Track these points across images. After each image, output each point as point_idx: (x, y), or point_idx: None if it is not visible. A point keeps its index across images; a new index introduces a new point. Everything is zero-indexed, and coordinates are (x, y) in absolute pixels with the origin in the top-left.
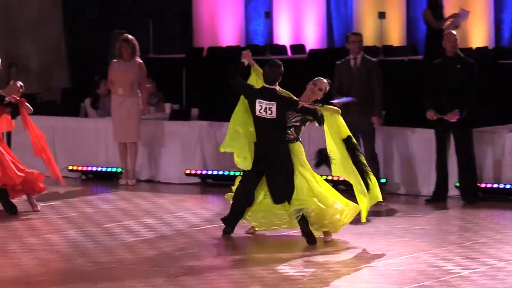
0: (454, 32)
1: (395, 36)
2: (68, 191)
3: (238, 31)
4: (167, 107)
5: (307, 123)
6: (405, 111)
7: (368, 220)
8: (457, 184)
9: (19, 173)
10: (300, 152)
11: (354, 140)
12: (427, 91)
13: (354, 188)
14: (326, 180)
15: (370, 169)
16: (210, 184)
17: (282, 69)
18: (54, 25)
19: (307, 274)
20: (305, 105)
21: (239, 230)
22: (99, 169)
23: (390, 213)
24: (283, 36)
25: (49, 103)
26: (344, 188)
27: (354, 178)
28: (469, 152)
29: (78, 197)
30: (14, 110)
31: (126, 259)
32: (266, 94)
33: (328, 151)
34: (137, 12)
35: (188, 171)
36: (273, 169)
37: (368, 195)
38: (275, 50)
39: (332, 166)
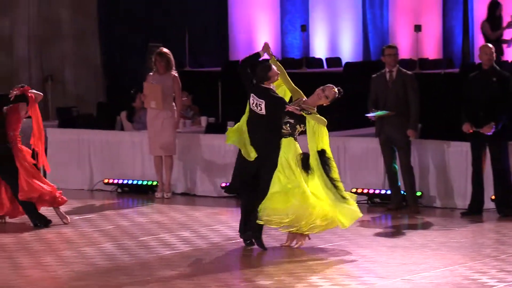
0: (490, 45)
1: (431, 49)
2: (103, 204)
3: (274, 44)
4: (203, 120)
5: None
6: (440, 124)
7: (403, 233)
8: (493, 197)
9: (43, 185)
10: (287, 148)
11: (328, 154)
12: (463, 104)
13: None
14: None
15: (341, 185)
16: None
17: (270, 72)
18: (90, 38)
19: None
20: (292, 109)
21: (273, 242)
22: (135, 182)
23: (426, 226)
24: (319, 49)
25: (85, 117)
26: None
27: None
28: (505, 165)
29: (113, 210)
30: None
31: (162, 273)
32: (258, 91)
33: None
34: (173, 25)
35: (224, 184)
36: (260, 165)
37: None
38: (311, 63)
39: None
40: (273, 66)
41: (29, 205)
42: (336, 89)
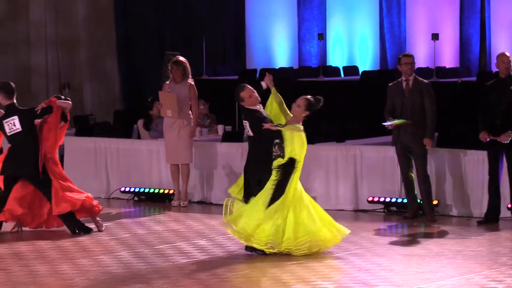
0: (507, 53)
1: (448, 57)
2: (120, 213)
3: (291, 52)
4: (220, 128)
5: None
6: (457, 132)
7: (419, 242)
8: (510, 205)
9: (77, 196)
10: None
11: (295, 163)
12: (480, 112)
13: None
14: None
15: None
16: None
17: (242, 92)
18: (107, 45)
19: None
20: (268, 127)
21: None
22: (152, 190)
23: (442, 234)
24: (336, 57)
25: (102, 125)
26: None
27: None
28: None
29: (130, 219)
30: (62, 114)
31: (179, 281)
32: (243, 112)
33: None
34: (191, 33)
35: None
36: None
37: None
38: (328, 72)
39: None
40: (248, 87)
41: (66, 214)
42: (308, 96)
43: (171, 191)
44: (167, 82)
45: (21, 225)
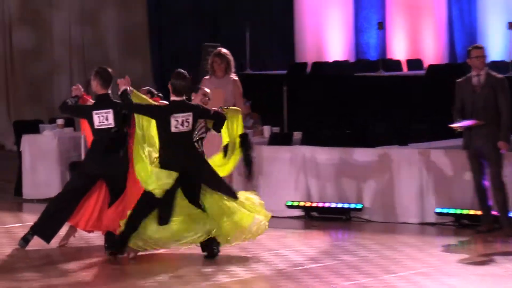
0: None
1: None
2: None
3: (347, 44)
4: (266, 130)
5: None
6: None
7: (495, 260)
8: None
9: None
10: None
11: (249, 139)
12: None
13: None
14: None
15: None
16: (315, 218)
17: (188, 82)
18: (141, 38)
19: None
20: (218, 110)
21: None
22: None
23: None
24: (398, 49)
25: None
26: None
27: None
28: None
29: None
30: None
31: None
32: (180, 107)
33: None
34: (232, 22)
35: (290, 203)
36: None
37: None
38: (388, 66)
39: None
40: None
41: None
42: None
43: None
44: (207, 77)
45: (75, 229)
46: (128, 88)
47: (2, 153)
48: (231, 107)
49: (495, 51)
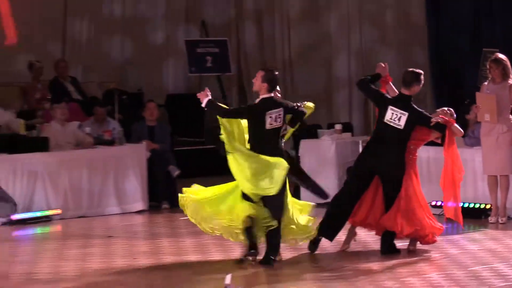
0: None
1: None
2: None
3: None
4: None
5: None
6: None
7: None
8: None
9: (426, 220)
10: None
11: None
12: None
13: None
14: None
15: None
16: None
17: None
18: (417, 46)
19: None
20: (299, 105)
21: None
22: (466, 205)
23: None
24: None
25: None
26: None
27: None
28: None
29: (440, 236)
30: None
31: None
32: (272, 103)
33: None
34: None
35: None
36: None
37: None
38: None
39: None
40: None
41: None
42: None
43: (488, 206)
44: (485, 82)
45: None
46: (211, 98)
47: None
48: (307, 103)
49: None
